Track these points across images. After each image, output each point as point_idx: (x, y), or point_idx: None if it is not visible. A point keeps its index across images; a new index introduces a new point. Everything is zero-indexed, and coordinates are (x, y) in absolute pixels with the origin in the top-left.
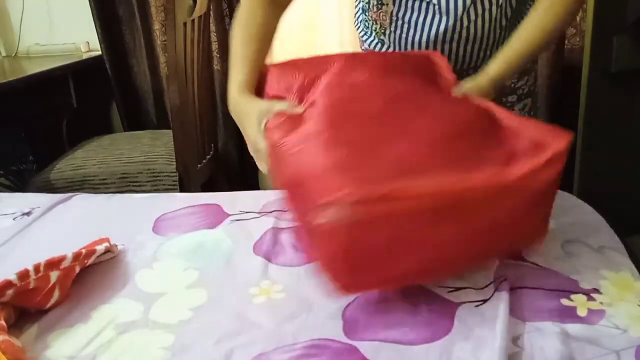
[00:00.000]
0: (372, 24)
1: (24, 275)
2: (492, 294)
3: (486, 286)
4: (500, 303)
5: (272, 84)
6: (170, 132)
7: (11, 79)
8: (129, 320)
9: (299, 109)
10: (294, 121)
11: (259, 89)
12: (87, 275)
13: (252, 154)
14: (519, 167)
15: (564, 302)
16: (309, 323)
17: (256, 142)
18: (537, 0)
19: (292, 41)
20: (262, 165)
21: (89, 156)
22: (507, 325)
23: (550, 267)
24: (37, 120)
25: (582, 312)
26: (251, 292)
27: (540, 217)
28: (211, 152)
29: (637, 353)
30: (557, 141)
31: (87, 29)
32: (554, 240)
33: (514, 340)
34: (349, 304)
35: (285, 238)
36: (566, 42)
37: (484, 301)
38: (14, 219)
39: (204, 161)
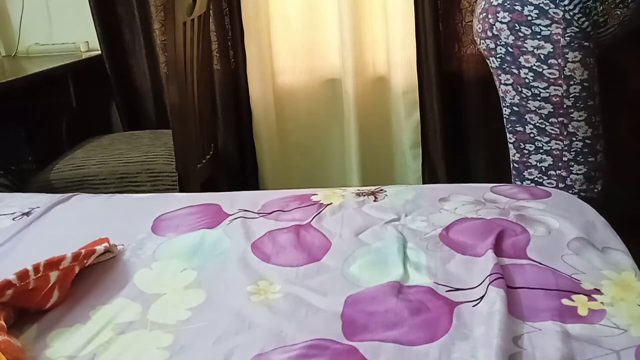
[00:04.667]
0: None
1: (23, 275)
2: (487, 290)
3: (481, 283)
4: (496, 299)
5: None
6: (169, 132)
7: (11, 78)
8: (127, 320)
9: None
10: None
11: None
12: (86, 276)
13: None
14: None
15: (565, 302)
16: (308, 323)
17: None
18: None
19: (293, 20)
20: None
21: (88, 156)
22: (506, 325)
23: (553, 267)
24: (37, 120)
25: (582, 312)
26: (250, 292)
27: None
28: (211, 152)
29: (637, 353)
30: None
31: (87, 29)
32: (557, 240)
33: (515, 340)
34: (347, 304)
35: (284, 238)
36: None
37: (481, 298)
38: (13, 219)
39: (203, 161)
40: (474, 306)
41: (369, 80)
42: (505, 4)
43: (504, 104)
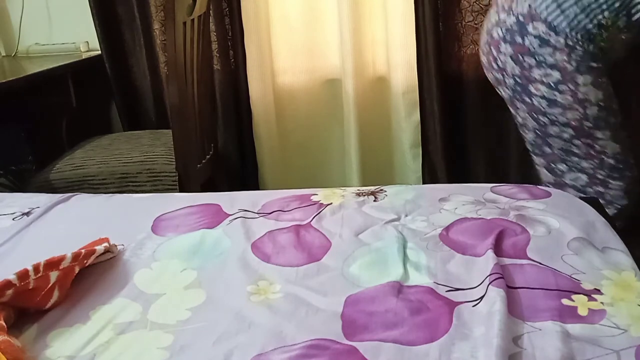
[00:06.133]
0: None
1: (23, 275)
2: (487, 290)
3: (481, 283)
4: (496, 299)
5: None
6: (170, 132)
7: (11, 78)
8: (127, 320)
9: None
10: None
11: None
12: (86, 276)
13: None
14: None
15: (565, 302)
16: (308, 323)
17: None
18: None
19: (293, 20)
20: None
21: (88, 156)
22: (506, 325)
23: (553, 267)
24: (37, 120)
25: (582, 312)
26: (250, 292)
27: None
28: (211, 152)
29: (637, 353)
30: None
31: (87, 29)
32: (556, 240)
33: (515, 340)
34: (347, 304)
35: (284, 238)
36: None
37: (481, 298)
38: (13, 219)
39: (203, 161)
40: (474, 306)
41: (369, 80)
42: (506, 36)
43: (525, 130)
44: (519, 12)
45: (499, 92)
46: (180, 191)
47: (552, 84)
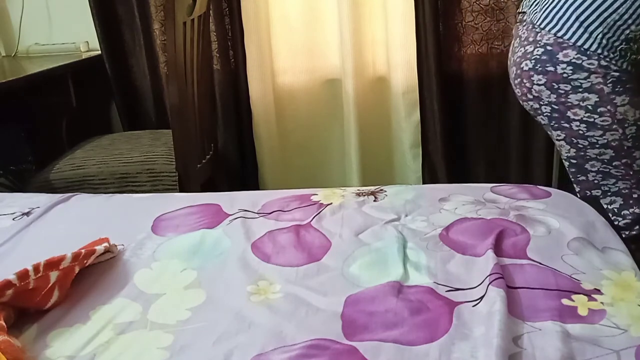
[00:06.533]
0: None
1: (23, 275)
2: (487, 290)
3: (481, 283)
4: (496, 299)
5: None
6: (170, 132)
7: (11, 78)
8: (127, 320)
9: None
10: None
11: None
12: (86, 276)
13: None
14: None
15: (565, 302)
16: (308, 323)
17: None
18: None
19: (293, 20)
20: None
21: (88, 156)
22: (506, 325)
23: (553, 267)
24: (37, 120)
25: (582, 312)
26: (250, 292)
27: None
28: (211, 152)
29: (637, 353)
30: None
31: (87, 29)
32: (556, 240)
33: (515, 340)
34: (347, 304)
35: (284, 238)
36: None
37: (481, 298)
38: (13, 219)
39: (203, 161)
40: (474, 306)
41: (369, 80)
42: (537, 67)
43: (562, 156)
44: (546, 42)
45: (537, 120)
46: (180, 191)
47: (590, 107)
